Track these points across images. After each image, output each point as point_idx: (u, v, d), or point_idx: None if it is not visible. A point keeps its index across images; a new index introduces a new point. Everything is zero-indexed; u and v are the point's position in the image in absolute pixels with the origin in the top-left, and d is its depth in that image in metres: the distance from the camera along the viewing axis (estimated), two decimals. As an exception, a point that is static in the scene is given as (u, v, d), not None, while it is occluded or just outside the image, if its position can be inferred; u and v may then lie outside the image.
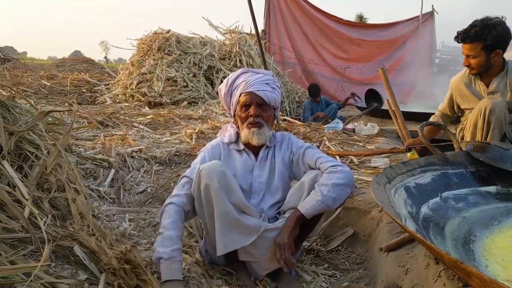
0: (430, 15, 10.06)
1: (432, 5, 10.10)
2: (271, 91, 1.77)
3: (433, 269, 1.30)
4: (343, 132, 4.31)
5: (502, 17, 2.40)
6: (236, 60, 6.66)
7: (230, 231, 1.54)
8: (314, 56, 9.38)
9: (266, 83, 1.77)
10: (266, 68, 4.74)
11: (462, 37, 2.43)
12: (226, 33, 7.38)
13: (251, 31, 7.25)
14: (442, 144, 2.59)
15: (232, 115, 1.84)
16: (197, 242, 1.89)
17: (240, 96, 1.76)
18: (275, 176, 1.79)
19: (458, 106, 2.72)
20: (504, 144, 2.27)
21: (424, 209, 1.62)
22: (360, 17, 19.24)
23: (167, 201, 1.62)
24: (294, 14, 9.31)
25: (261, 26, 9.16)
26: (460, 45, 2.51)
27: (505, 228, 1.72)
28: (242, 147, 1.80)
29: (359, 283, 1.77)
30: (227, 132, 1.85)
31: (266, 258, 1.63)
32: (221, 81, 6.30)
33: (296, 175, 1.83)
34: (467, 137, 2.58)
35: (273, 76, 1.87)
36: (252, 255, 1.62)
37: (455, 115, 2.85)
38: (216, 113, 5.15)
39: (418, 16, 9.96)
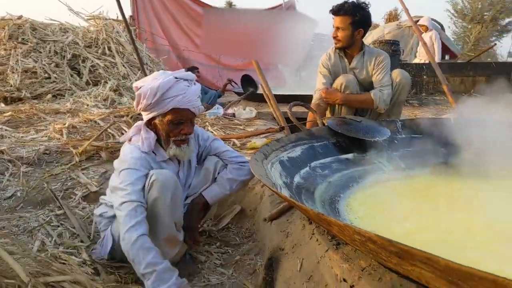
0: (292, 3, 10.82)
1: (294, -5, 10.89)
2: (200, 102, 1.68)
3: (308, 229, 1.50)
4: (224, 117, 4.47)
5: (368, 3, 2.79)
6: (104, 48, 6.25)
7: (167, 245, 1.59)
8: (188, 43, 9.31)
9: (198, 96, 1.66)
10: (138, 55, 4.59)
11: (337, 8, 2.74)
12: (89, 19, 6.84)
13: (117, 17, 6.86)
14: (310, 121, 2.91)
15: (149, 119, 1.65)
16: (82, 242, 1.80)
17: (171, 110, 1.59)
18: (192, 172, 1.84)
19: None
20: (356, 117, 2.67)
21: (297, 179, 1.83)
22: (230, 4, 19.60)
23: (133, 233, 1.41)
24: (163, 0, 9.07)
25: (128, 12, 8.70)
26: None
27: (363, 187, 2.05)
28: (167, 156, 1.69)
29: (250, 254, 1.93)
30: (145, 140, 1.64)
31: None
32: (90, 71, 5.91)
33: (198, 163, 1.92)
34: (328, 111, 2.96)
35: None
36: None
37: None
38: (88, 105, 4.80)
39: (281, 4, 10.63)
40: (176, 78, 1.59)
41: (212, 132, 3.56)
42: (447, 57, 9.19)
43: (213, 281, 1.69)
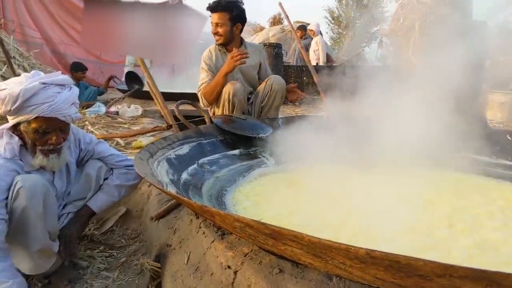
0: (179, 2, 10.67)
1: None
2: (75, 110, 1.51)
3: (195, 223, 1.54)
4: (107, 116, 4.23)
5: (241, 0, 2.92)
6: (-41, 37, 5.36)
7: (41, 257, 1.46)
8: (63, 37, 8.53)
9: (72, 103, 1.49)
10: (3, 47, 4.07)
11: (215, 5, 2.82)
12: None
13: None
14: (197, 119, 2.94)
15: (14, 124, 1.46)
16: None
17: (36, 118, 1.42)
18: (72, 179, 1.69)
19: None
20: (242, 115, 2.78)
21: (184, 176, 1.85)
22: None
23: None
24: (34, -10, 8.16)
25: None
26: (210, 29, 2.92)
27: (248, 181, 2.16)
28: (37, 166, 1.51)
29: (136, 255, 1.88)
30: (7, 145, 1.46)
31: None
32: None
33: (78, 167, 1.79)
34: (218, 114, 3.01)
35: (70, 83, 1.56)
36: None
37: None
38: None
39: (168, 1, 10.40)
40: (44, 83, 1.43)
41: (93, 131, 3.35)
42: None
43: (96, 286, 1.61)
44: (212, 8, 2.84)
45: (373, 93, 2.42)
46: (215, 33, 2.91)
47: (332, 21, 21.01)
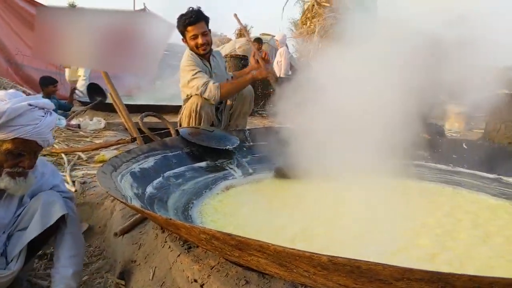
0: (143, 11, 10.60)
1: (144, 3, 10.73)
2: (52, 135, 1.47)
3: (161, 237, 1.51)
4: (68, 129, 4.11)
5: (198, 7, 2.91)
6: None
7: None
8: (21, 47, 8.19)
9: (52, 128, 1.44)
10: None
11: (197, 17, 2.81)
12: None
13: None
14: (162, 131, 2.91)
15: None
16: None
17: (14, 139, 1.35)
18: (19, 214, 1.55)
19: None
20: (209, 127, 2.78)
21: (149, 189, 1.82)
22: (72, 5, 17.86)
23: None
24: (-16, -3, 7.80)
25: None
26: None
27: (215, 193, 2.15)
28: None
29: (100, 272, 1.81)
30: None
31: None
32: None
33: None
34: (184, 125, 2.98)
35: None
36: None
37: None
38: None
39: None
40: (31, 105, 1.37)
41: (53, 146, 3.23)
42: (290, 72, 10.30)
43: (57, 306, 1.53)
44: (195, 20, 2.82)
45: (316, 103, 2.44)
46: (204, 43, 2.85)
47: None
